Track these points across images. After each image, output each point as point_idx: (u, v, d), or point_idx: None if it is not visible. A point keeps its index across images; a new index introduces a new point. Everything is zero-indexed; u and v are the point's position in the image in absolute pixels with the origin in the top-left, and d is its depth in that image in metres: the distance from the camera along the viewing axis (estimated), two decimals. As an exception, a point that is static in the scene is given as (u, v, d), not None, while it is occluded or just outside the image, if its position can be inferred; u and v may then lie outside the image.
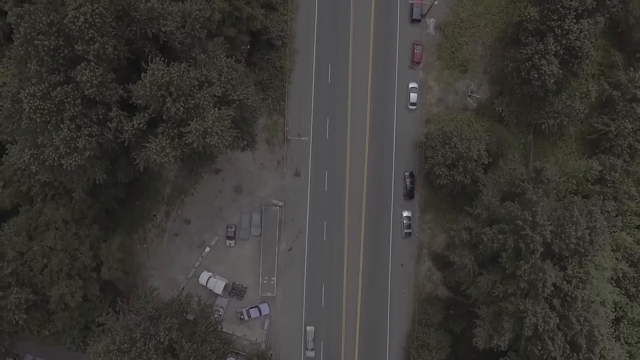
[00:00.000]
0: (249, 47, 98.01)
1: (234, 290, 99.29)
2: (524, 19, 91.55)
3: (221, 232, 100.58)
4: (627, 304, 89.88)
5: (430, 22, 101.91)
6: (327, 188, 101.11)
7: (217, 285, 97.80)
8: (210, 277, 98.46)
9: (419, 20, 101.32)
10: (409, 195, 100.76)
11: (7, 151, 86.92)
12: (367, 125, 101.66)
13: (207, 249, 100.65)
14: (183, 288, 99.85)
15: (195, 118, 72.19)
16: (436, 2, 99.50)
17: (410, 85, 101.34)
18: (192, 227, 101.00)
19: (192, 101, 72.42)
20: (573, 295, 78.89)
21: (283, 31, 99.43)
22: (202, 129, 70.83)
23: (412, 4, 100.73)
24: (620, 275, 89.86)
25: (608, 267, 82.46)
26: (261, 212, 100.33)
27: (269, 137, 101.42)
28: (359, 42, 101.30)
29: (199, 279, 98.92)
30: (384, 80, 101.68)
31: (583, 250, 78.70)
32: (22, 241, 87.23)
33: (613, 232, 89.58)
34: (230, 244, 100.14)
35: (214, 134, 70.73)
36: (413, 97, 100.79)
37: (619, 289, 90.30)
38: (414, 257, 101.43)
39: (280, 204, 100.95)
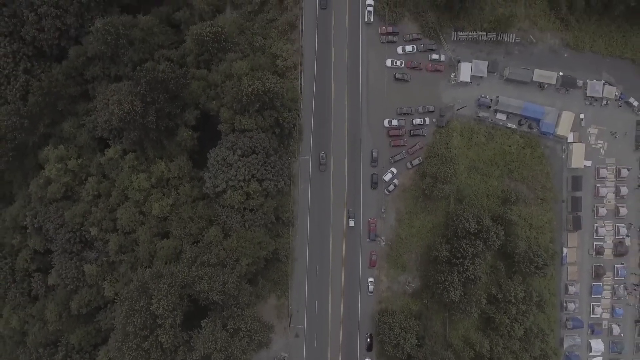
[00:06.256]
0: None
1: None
2: (438, 254, 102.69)
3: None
4: None
5: (382, 239, 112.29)
6: (317, 345, 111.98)
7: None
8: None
9: (374, 239, 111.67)
10: (369, 348, 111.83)
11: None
12: (341, 305, 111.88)
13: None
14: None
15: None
16: (384, 244, 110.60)
17: (369, 280, 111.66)
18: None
19: (230, 349, 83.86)
20: None
21: (286, 250, 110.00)
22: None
23: (369, 230, 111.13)
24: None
25: None
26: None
27: (278, 313, 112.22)
28: (336, 252, 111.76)
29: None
30: (352, 277, 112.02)
31: None
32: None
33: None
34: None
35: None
36: (371, 287, 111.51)
37: None
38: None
39: (286, 355, 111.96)
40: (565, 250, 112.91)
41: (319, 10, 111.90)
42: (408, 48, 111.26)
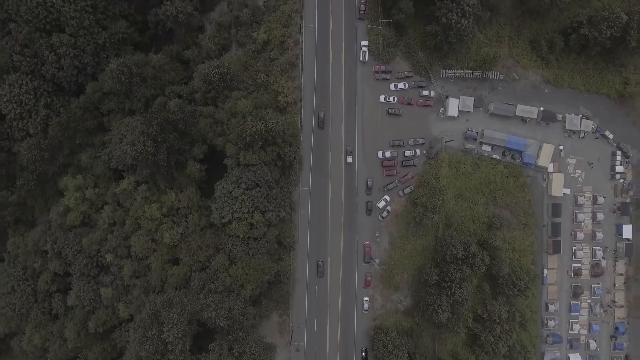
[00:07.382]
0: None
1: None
2: (428, 278, 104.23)
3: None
4: None
5: (376, 261, 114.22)
6: (316, 359, 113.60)
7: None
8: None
9: (369, 261, 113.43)
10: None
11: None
12: (338, 322, 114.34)
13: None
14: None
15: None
16: (377, 268, 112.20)
17: (364, 299, 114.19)
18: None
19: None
20: None
21: (288, 272, 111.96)
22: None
23: (364, 253, 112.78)
24: None
25: None
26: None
27: (280, 329, 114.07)
28: (334, 277, 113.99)
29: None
30: (349, 296, 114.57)
31: None
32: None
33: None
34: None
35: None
36: (366, 305, 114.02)
37: None
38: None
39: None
40: (545, 271, 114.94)
41: (317, 50, 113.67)
42: (400, 85, 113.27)
